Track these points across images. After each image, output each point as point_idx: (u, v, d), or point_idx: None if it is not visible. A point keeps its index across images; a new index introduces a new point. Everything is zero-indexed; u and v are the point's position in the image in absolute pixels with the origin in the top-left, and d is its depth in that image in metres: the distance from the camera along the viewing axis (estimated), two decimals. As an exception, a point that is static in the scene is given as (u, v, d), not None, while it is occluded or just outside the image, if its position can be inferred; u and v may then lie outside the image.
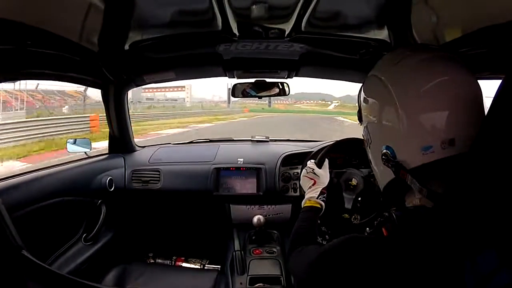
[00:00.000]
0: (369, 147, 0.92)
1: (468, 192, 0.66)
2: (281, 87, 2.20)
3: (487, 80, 0.80)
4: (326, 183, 1.48)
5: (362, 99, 0.94)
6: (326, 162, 1.58)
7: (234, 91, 2.22)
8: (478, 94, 0.75)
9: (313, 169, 1.50)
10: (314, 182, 1.46)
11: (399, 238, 0.70)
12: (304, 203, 1.41)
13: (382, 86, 0.81)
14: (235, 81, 2.22)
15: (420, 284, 0.65)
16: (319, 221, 2.04)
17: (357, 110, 1.00)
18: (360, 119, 0.97)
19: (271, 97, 2.30)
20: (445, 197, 0.70)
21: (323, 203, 1.39)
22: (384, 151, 0.79)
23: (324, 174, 1.51)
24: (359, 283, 0.73)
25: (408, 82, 0.76)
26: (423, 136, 0.73)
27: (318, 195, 1.40)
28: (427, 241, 0.66)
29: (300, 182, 1.56)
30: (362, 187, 1.74)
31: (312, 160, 1.56)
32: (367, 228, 1.72)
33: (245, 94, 2.22)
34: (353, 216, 1.67)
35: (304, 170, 1.55)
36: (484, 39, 1.05)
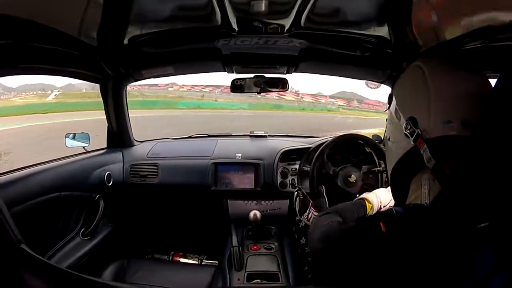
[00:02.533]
0: (392, 123, 0.97)
1: (467, 177, 0.68)
2: (280, 82, 2.19)
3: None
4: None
5: (397, 84, 1.01)
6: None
7: (234, 86, 2.22)
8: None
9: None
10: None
11: (398, 235, 0.71)
12: (374, 203, 1.42)
13: (420, 72, 0.86)
14: (234, 76, 2.22)
15: (418, 282, 0.66)
16: (304, 223, 2.07)
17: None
18: (390, 100, 1.03)
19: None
20: (450, 177, 0.73)
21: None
22: (406, 122, 0.84)
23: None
24: (355, 278, 0.75)
25: (446, 70, 0.83)
26: (446, 112, 0.77)
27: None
28: (425, 239, 0.67)
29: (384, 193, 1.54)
30: (361, 183, 1.75)
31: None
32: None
33: (243, 89, 2.22)
34: None
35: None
36: (485, 38, 1.05)
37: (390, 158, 1.00)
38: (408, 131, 0.82)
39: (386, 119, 1.05)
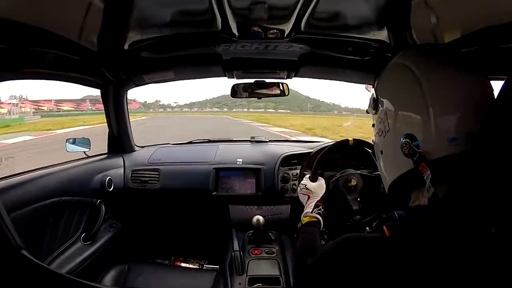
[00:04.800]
0: (384, 136, 0.88)
1: (465, 194, 0.67)
2: (280, 87, 2.20)
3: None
4: (321, 195, 1.47)
5: (381, 86, 0.92)
6: (320, 179, 1.57)
7: (234, 91, 2.22)
8: (492, 94, 0.76)
9: (306, 185, 1.51)
10: (308, 197, 1.47)
11: (402, 239, 0.70)
12: (302, 220, 1.42)
13: (410, 74, 0.79)
14: (235, 81, 2.22)
15: (421, 285, 0.65)
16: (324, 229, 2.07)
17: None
18: (375, 107, 0.93)
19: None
20: (444, 201, 0.70)
21: (319, 216, 1.38)
22: (404, 140, 0.77)
23: (317, 187, 1.50)
24: (358, 284, 0.73)
25: (442, 75, 0.76)
26: (451, 127, 0.73)
27: (313, 209, 1.41)
28: (428, 243, 0.66)
29: (300, 199, 1.57)
30: (362, 187, 1.75)
31: (307, 175, 1.56)
32: (367, 228, 1.73)
33: (244, 95, 2.22)
34: (356, 216, 1.68)
35: (298, 187, 1.57)
36: (484, 40, 1.05)
37: (385, 172, 0.94)
38: (407, 151, 0.76)
39: (373, 125, 0.97)
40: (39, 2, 1.06)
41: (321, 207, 1.41)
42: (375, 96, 0.93)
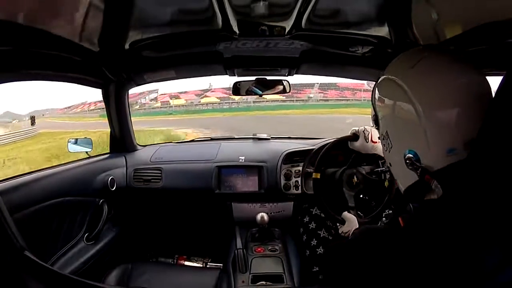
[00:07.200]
0: (389, 151, 0.92)
1: (468, 192, 0.67)
2: (282, 84, 2.19)
3: (487, 76, 0.80)
4: (356, 224, 1.49)
5: (377, 103, 0.95)
6: (345, 213, 1.59)
7: (235, 89, 2.22)
8: (490, 93, 0.76)
9: (342, 231, 1.53)
10: (348, 233, 1.47)
11: (416, 229, 0.72)
12: None
13: (401, 91, 0.81)
14: (236, 79, 2.22)
15: (433, 275, 0.66)
16: (314, 225, 2.07)
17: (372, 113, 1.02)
18: (376, 123, 0.97)
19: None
20: (437, 201, 0.73)
21: None
22: (408, 155, 0.80)
23: (348, 225, 1.53)
24: (372, 273, 0.75)
25: (429, 86, 0.77)
26: (447, 139, 0.74)
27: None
28: (441, 233, 0.67)
29: None
30: (364, 185, 1.75)
31: (340, 227, 1.59)
32: (384, 219, 1.73)
33: (246, 92, 2.22)
34: (358, 213, 1.68)
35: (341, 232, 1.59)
36: (485, 36, 1.04)
37: (398, 181, 0.96)
38: (412, 167, 0.80)
39: (378, 137, 1.00)
40: (39, 4, 1.06)
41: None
42: (375, 112, 0.97)
